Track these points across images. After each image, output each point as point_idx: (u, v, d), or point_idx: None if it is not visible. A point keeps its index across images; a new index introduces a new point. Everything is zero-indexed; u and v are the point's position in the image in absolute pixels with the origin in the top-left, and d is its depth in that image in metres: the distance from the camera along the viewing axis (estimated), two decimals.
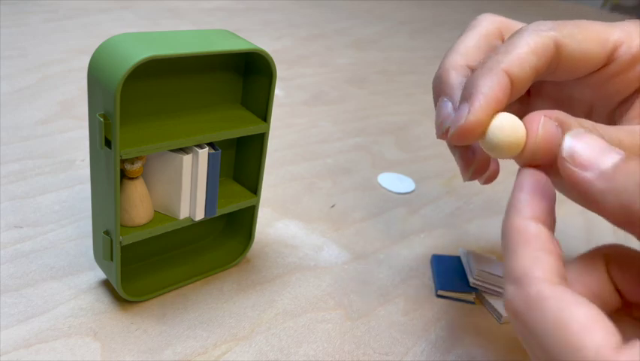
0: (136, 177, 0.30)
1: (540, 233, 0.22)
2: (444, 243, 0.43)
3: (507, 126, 0.24)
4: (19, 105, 0.52)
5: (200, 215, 0.32)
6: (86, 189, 0.42)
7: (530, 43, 0.26)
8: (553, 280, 0.21)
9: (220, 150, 0.31)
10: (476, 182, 0.52)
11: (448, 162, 0.56)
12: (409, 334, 0.33)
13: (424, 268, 0.40)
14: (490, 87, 0.25)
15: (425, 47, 0.95)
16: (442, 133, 0.28)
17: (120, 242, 0.29)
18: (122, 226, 0.30)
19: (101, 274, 0.34)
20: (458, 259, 0.40)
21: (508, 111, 0.26)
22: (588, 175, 0.21)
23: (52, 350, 0.29)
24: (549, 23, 0.27)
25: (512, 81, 0.25)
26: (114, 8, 0.85)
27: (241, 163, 0.35)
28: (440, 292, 0.37)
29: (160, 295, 0.33)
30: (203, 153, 0.30)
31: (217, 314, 0.33)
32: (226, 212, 0.34)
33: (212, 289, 0.34)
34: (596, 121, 0.30)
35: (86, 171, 0.44)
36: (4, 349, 0.28)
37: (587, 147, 0.22)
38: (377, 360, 0.31)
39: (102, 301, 0.32)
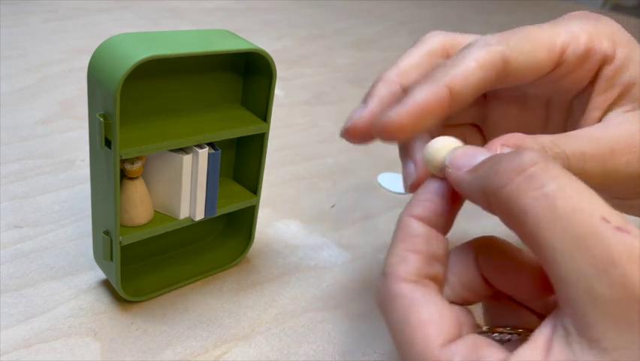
0: (136, 177, 0.30)
1: (419, 233, 0.24)
2: None
3: (440, 148, 0.25)
4: (19, 105, 0.52)
5: (200, 215, 0.32)
6: (85, 189, 0.42)
7: (478, 59, 0.26)
8: (411, 280, 0.23)
9: (220, 150, 0.31)
10: None
11: None
12: None
13: None
14: (424, 96, 0.25)
15: None
16: (344, 132, 0.29)
17: (120, 242, 0.29)
18: (121, 226, 0.30)
19: (101, 274, 0.34)
20: None
21: (468, 115, 0.27)
22: (460, 173, 0.23)
23: (52, 350, 0.29)
24: (496, 36, 0.27)
25: (453, 95, 0.25)
26: (114, 8, 0.85)
27: (241, 163, 0.35)
28: None
29: (160, 295, 0.33)
30: (203, 153, 0.30)
31: (217, 314, 0.33)
32: (226, 212, 0.34)
33: (212, 289, 0.34)
34: (555, 112, 0.31)
35: (86, 171, 0.44)
36: (4, 349, 0.28)
37: (464, 153, 0.24)
38: (377, 360, 0.31)
39: (102, 302, 0.32)
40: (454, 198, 0.25)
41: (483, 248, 0.25)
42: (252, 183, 0.35)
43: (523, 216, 0.20)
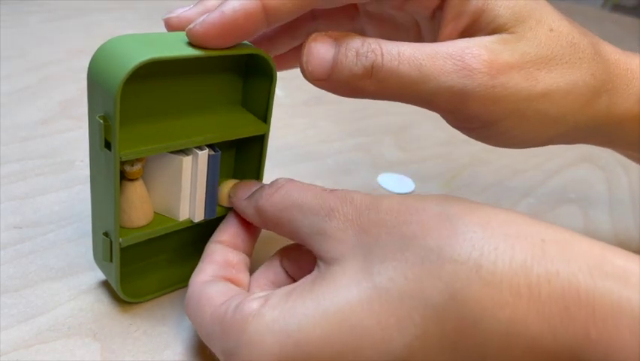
0: (135, 179, 0.30)
1: (215, 251, 0.30)
2: None
3: (224, 185, 0.32)
4: (19, 105, 0.52)
5: (199, 216, 0.32)
6: (85, 189, 0.42)
7: None
8: (207, 280, 0.28)
9: (220, 152, 0.31)
10: (476, 183, 0.52)
11: (448, 162, 0.56)
12: None
13: None
14: (232, 11, 0.26)
15: None
16: (164, 19, 0.30)
17: (120, 243, 0.29)
18: (121, 227, 0.30)
19: (100, 275, 0.34)
20: None
21: (340, 29, 0.31)
22: (240, 201, 0.31)
23: (51, 351, 0.29)
24: None
25: (268, 11, 0.26)
26: (114, 8, 0.85)
27: (241, 164, 0.35)
28: None
29: (159, 296, 0.33)
30: (203, 154, 0.30)
31: None
32: (226, 214, 0.34)
33: None
34: (426, 34, 0.32)
35: (85, 171, 0.44)
36: (3, 350, 0.28)
37: (243, 186, 0.32)
38: None
39: (102, 302, 0.32)
40: (247, 225, 0.31)
41: (286, 252, 0.31)
42: None
43: (281, 214, 0.27)
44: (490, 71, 0.27)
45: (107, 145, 0.27)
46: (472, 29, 0.29)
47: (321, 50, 0.28)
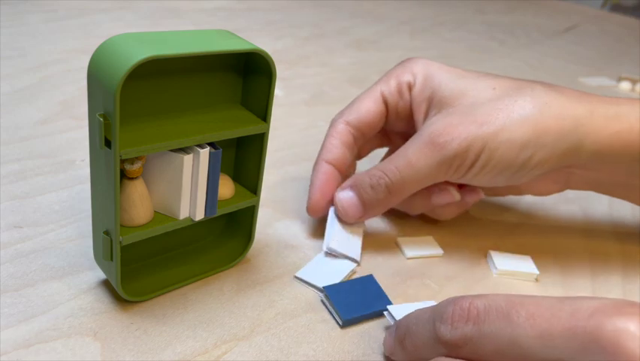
0: (136, 177, 0.30)
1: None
2: (444, 243, 0.43)
3: None
4: (19, 105, 0.52)
5: (200, 215, 0.32)
6: (86, 189, 0.42)
7: (335, 135, 0.41)
8: None
9: (221, 149, 0.31)
10: None
11: None
12: None
13: (424, 268, 0.40)
14: (318, 178, 0.39)
15: (425, 47, 0.95)
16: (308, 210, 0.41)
17: (120, 242, 0.29)
18: (121, 226, 0.30)
19: (100, 274, 0.34)
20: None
21: (374, 144, 0.45)
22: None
23: (52, 350, 0.29)
24: (342, 113, 0.42)
25: (334, 163, 0.40)
26: (114, 8, 0.85)
27: (241, 163, 0.35)
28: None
29: (160, 295, 0.33)
30: (205, 152, 0.30)
31: (217, 314, 0.33)
32: (226, 212, 0.34)
33: (212, 289, 0.34)
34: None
35: (86, 171, 0.44)
36: (3, 349, 0.28)
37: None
38: (377, 360, 0.31)
39: (102, 302, 0.32)
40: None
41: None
42: (252, 183, 0.35)
43: None
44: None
45: (107, 143, 0.27)
46: (430, 110, 0.39)
47: (347, 199, 0.38)
